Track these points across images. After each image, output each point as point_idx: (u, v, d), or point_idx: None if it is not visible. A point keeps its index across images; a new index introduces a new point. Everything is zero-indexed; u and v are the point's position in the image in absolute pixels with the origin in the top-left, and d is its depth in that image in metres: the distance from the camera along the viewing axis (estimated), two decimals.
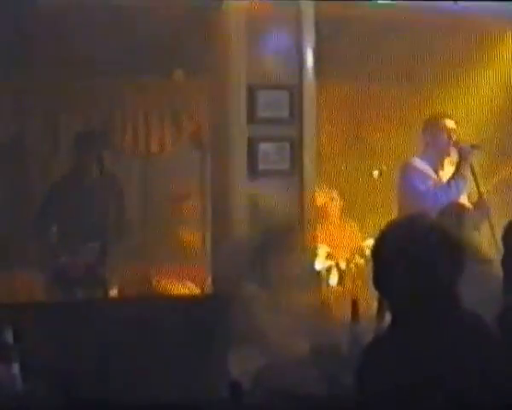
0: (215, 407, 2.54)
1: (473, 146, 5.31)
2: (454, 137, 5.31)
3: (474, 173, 5.29)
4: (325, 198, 6.09)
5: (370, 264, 2.54)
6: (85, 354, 3.72)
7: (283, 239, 4.63)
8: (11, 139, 6.79)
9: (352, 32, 5.59)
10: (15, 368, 3.33)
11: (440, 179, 5.33)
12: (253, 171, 4.92)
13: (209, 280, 5.39)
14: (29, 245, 6.42)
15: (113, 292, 5.38)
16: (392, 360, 2.48)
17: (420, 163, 5.35)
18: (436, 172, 5.37)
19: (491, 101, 6.43)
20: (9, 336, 3.35)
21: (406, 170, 5.36)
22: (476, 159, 5.34)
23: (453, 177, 5.28)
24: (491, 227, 5.06)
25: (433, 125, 5.38)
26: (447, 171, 5.35)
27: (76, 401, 2.61)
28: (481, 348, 2.43)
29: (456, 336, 2.45)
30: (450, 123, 5.36)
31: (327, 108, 6.87)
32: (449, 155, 5.35)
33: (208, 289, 5.36)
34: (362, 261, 5.58)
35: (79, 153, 5.73)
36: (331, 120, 7.01)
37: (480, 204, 5.26)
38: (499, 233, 3.44)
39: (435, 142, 5.36)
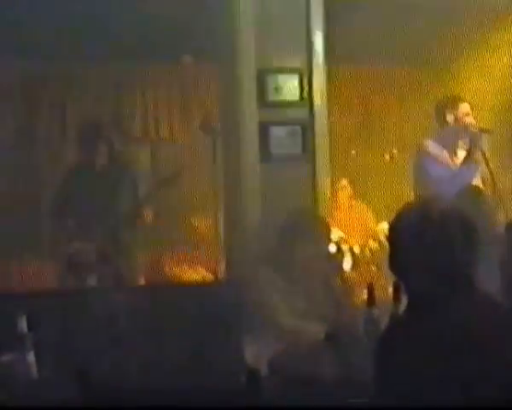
0: (231, 395, 2.52)
1: (482, 130, 5.23)
2: (466, 121, 5.25)
3: (485, 159, 5.22)
4: (335, 186, 6.07)
5: (384, 248, 2.53)
6: (99, 342, 3.72)
7: (297, 223, 4.60)
8: (20, 128, 6.80)
9: (363, 14, 5.55)
10: (30, 356, 3.34)
11: (454, 163, 5.28)
12: (266, 155, 4.91)
13: (222, 266, 5.38)
14: (41, 233, 6.43)
15: (126, 279, 5.37)
16: (409, 345, 2.46)
17: (434, 147, 5.29)
18: (450, 155, 5.32)
19: (507, 84, 6.38)
20: (24, 325, 3.35)
21: (419, 155, 5.31)
22: (489, 144, 5.27)
23: (464, 162, 5.23)
24: (505, 212, 5.01)
25: (446, 109, 5.33)
26: (460, 155, 5.30)
27: (91, 388, 2.60)
28: (498, 332, 2.41)
29: (472, 319, 2.43)
30: (464, 106, 5.30)
31: (337, 92, 6.84)
32: (462, 138, 5.29)
33: (222, 275, 5.35)
34: (376, 246, 5.56)
35: (86, 142, 5.74)
36: (341, 103, 6.99)
37: (493, 189, 5.20)
38: None
39: (449, 125, 5.31)
